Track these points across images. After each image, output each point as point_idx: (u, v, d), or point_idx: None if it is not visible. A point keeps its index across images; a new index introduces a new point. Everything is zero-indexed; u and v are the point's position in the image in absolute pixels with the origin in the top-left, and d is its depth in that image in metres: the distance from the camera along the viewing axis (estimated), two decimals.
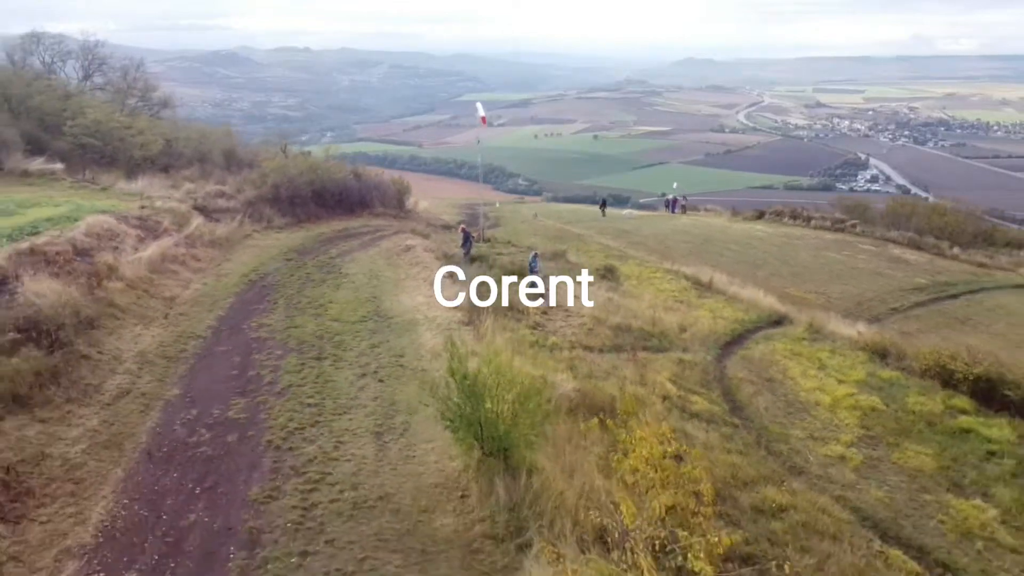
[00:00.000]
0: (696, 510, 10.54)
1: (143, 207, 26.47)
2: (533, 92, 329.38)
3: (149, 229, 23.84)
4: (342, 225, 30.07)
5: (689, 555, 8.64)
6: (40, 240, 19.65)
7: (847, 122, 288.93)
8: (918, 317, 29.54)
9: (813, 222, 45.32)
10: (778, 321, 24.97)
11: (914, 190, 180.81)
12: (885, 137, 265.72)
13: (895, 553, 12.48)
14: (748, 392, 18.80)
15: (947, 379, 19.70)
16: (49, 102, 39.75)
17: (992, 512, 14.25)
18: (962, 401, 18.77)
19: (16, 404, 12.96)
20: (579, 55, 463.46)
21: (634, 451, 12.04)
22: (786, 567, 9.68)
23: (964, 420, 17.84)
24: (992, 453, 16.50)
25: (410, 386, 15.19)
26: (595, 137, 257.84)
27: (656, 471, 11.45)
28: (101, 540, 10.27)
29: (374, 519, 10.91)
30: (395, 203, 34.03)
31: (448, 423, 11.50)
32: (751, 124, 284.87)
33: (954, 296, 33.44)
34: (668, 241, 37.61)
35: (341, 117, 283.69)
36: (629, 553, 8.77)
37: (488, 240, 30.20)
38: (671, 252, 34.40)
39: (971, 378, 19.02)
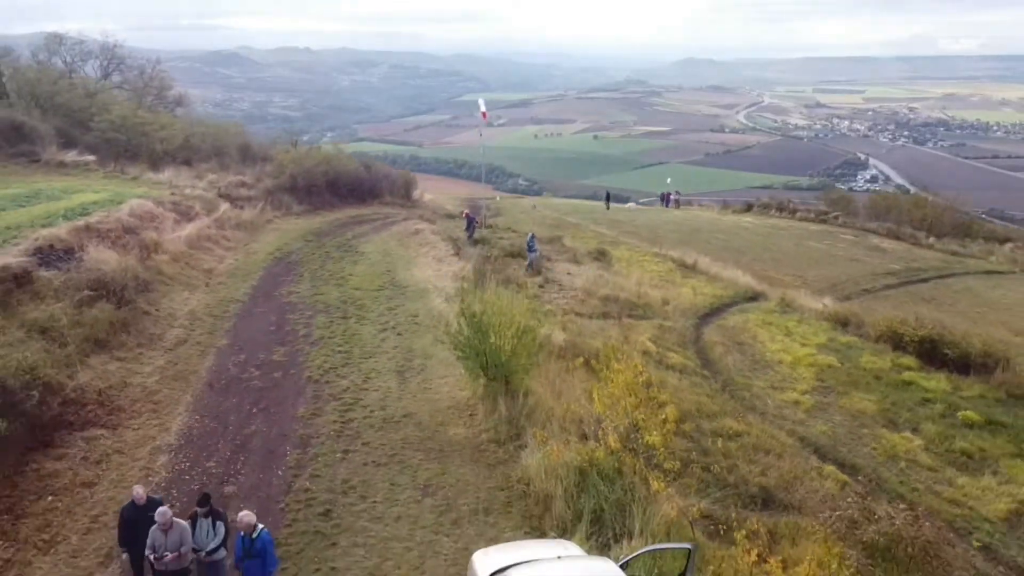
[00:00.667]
0: (661, 424, 13.25)
1: (173, 194, 29.21)
2: (533, 92, 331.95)
3: (183, 213, 26.56)
4: (355, 212, 32.80)
5: (644, 434, 11.35)
6: (93, 219, 22.41)
7: (847, 122, 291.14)
8: (887, 297, 32.22)
9: (798, 214, 48.06)
10: (754, 297, 27.66)
11: (913, 190, 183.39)
12: (885, 137, 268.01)
13: (829, 468, 15.15)
14: (719, 352, 21.52)
15: (897, 342, 22.41)
16: (75, 100, 42.59)
17: (917, 442, 16.96)
18: (908, 360, 21.48)
19: (97, 346, 15.68)
20: (579, 55, 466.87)
21: (612, 381, 14.79)
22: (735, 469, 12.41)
23: (908, 375, 20.56)
24: (927, 400, 19.20)
25: (425, 338, 17.92)
26: (595, 137, 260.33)
27: (630, 395, 14.19)
28: (183, 442, 12.98)
29: (400, 430, 13.61)
30: (402, 193, 36.81)
31: (459, 354, 14.22)
32: (751, 124, 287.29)
33: (924, 280, 36.14)
34: (659, 231, 40.30)
35: (341, 117, 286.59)
36: (601, 436, 11.48)
37: (490, 227, 32.89)
38: (661, 240, 37.08)
39: (916, 340, 21.74)
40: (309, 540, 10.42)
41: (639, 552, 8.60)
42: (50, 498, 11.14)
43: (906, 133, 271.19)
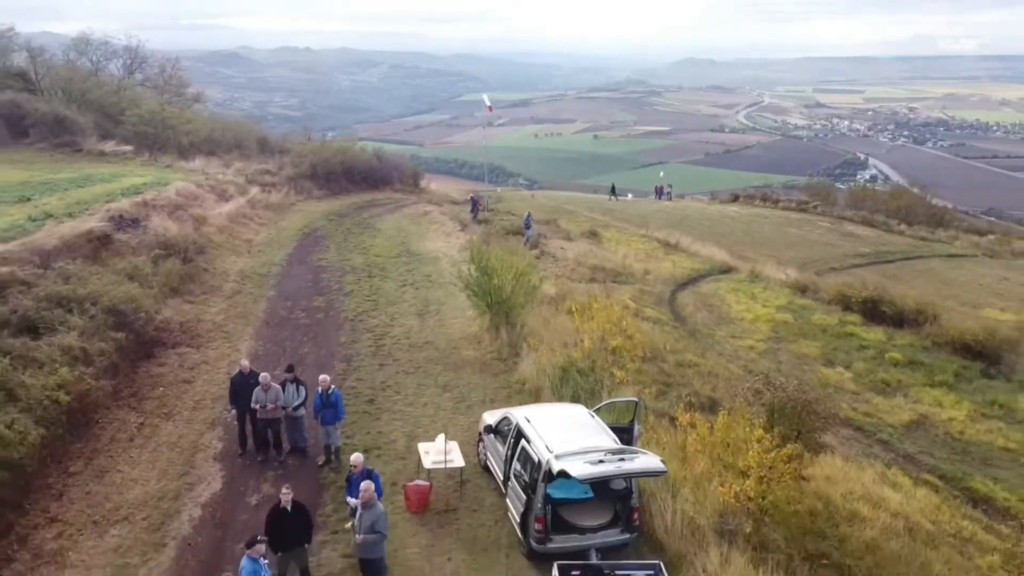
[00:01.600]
0: (627, 340, 16.98)
1: (208, 179, 32.94)
2: (533, 92, 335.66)
3: (220, 194, 30.30)
4: (369, 197, 36.54)
5: (610, 340, 15.07)
6: (148, 196, 26.13)
7: (847, 122, 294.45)
8: (851, 274, 35.88)
9: (781, 204, 51.83)
10: (727, 270, 31.41)
11: (912, 190, 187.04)
12: (884, 137, 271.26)
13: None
14: (690, 310, 25.27)
15: (846, 304, 26.19)
16: (105, 96, 46.39)
17: (848, 375, 20.72)
18: (853, 318, 25.26)
19: (172, 292, 19.42)
20: (580, 55, 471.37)
21: (592, 319, 18.58)
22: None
23: (850, 328, 24.34)
24: (863, 347, 22.98)
25: (438, 291, 21.66)
26: (595, 137, 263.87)
27: (606, 325, 17.96)
28: (251, 358, 16.66)
29: (422, 352, 17.33)
30: (411, 182, 40.57)
31: (470, 293, 17.96)
32: (751, 124, 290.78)
33: (890, 261, 39.85)
34: (649, 217, 44.00)
35: (342, 117, 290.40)
36: (579, 345, 15.20)
37: (491, 210, 36.61)
38: (649, 224, 40.79)
39: (860, 300, 25.52)
40: (359, 417, 14.12)
41: (600, 404, 12.31)
42: (161, 389, 14.88)
43: (906, 133, 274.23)
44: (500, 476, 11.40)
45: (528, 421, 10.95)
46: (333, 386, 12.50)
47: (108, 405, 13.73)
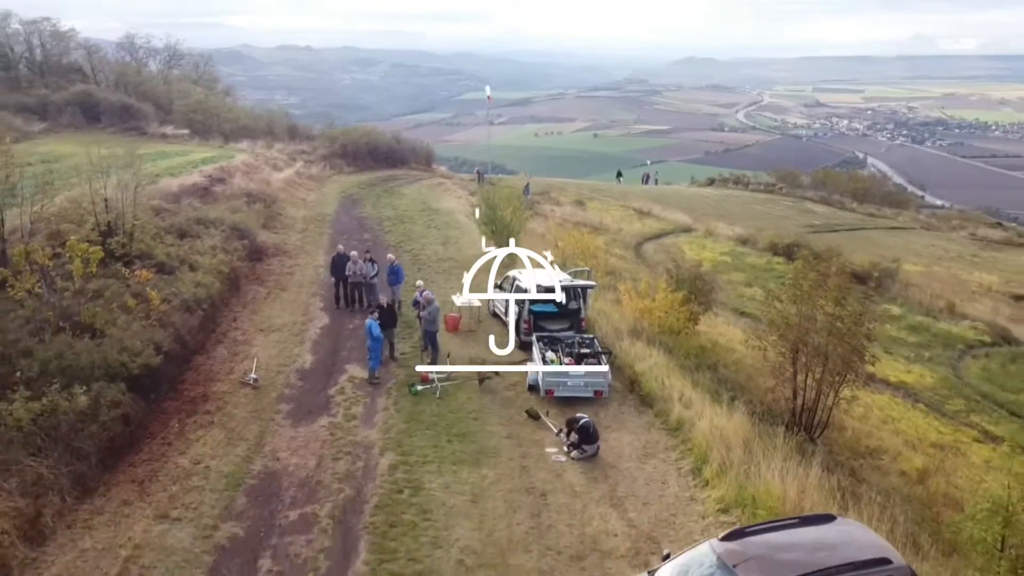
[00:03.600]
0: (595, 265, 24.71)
1: (258, 156, 40.65)
2: (534, 91, 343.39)
3: (272, 166, 38.05)
4: (390, 172, 44.23)
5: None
6: (223, 164, 33.90)
7: (846, 121, 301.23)
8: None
9: (751, 186, 59.57)
10: (688, 230, 39.16)
11: (910, 188, 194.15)
12: (883, 136, 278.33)
13: None
14: (650, 253, 33.03)
15: (775, 250, 33.93)
16: (156, 88, 54.23)
17: (760, 292, 28.41)
18: (778, 259, 32.99)
19: (262, 227, 27.11)
20: (580, 54, 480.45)
21: (565, 241, 26.36)
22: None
23: (773, 265, 32.08)
24: (780, 276, 30.64)
25: (455, 231, 29.38)
26: (595, 135, 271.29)
27: (579, 248, 25.71)
28: (325, 260, 24.37)
29: (447, 263, 25.05)
30: (424, 161, 48.27)
31: (480, 222, 25.71)
32: (750, 123, 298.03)
33: (836, 231, 47.58)
34: (630, 195, 51.80)
35: (343, 115, 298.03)
36: (559, 248, 22.98)
37: (493, 183, 44.34)
38: (629, 200, 48.54)
39: (784, 245, 33.25)
40: (409, 291, 21.77)
41: (569, 270, 19.98)
42: (274, 276, 22.59)
43: (905, 132, 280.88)
44: (502, 309, 19.11)
45: (520, 274, 18.68)
46: (396, 261, 20.21)
47: (246, 281, 21.48)
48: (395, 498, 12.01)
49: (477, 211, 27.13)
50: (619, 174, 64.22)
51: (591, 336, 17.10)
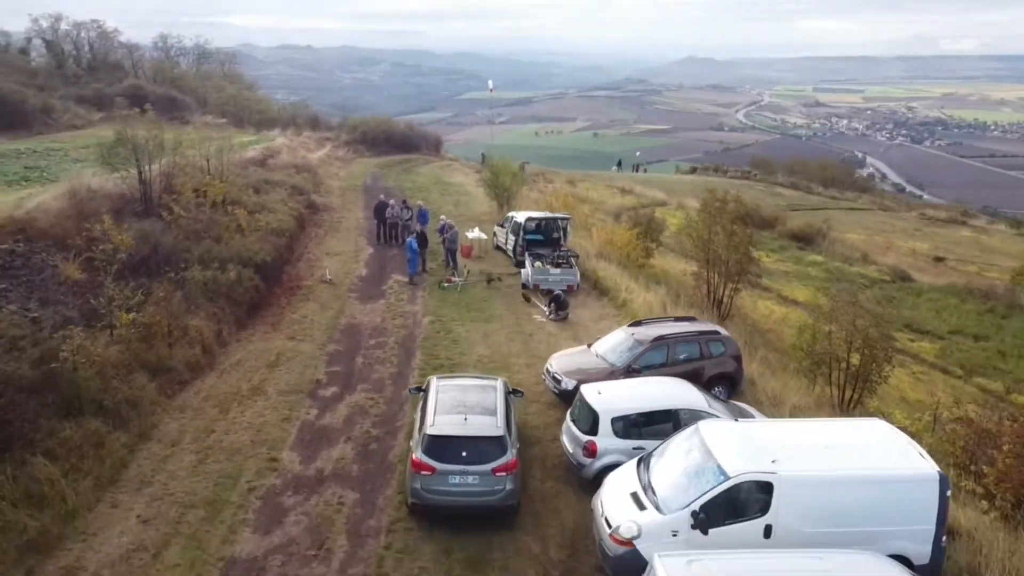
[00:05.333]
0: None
1: (292, 140, 47.92)
2: (534, 90, 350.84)
3: (306, 148, 45.34)
4: (405, 156, 51.54)
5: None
6: (269, 145, 41.18)
7: (845, 121, 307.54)
8: None
9: (729, 173, 66.86)
10: (663, 204, 46.37)
11: (909, 188, 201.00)
12: (883, 136, 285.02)
13: None
14: (626, 218, 40.21)
15: (745, 222, 41.14)
16: (192, 83, 61.63)
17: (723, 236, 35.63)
18: (737, 225, 40.15)
19: (312, 190, 34.37)
20: (581, 54, 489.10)
21: (553, 201, 33.68)
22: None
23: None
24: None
25: (465, 197, 36.66)
26: (595, 135, 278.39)
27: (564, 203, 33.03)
28: (364, 214, 31.62)
29: (460, 217, 32.24)
30: (434, 147, 55.65)
31: (488, 186, 33.00)
32: (750, 123, 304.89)
33: (799, 210, 54.80)
34: (617, 178, 59.10)
35: (345, 114, 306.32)
36: (549, 206, 30.28)
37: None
38: (616, 182, 55.82)
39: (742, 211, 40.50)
40: (432, 233, 29.01)
41: (552, 215, 27.25)
42: (327, 223, 29.87)
43: (904, 132, 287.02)
44: (503, 240, 26.38)
45: (516, 213, 25.98)
46: (424, 205, 27.52)
47: (309, 224, 28.78)
48: (435, 336, 19.25)
49: (484, 167, 34.61)
50: (619, 163, 71.37)
51: (566, 251, 24.34)
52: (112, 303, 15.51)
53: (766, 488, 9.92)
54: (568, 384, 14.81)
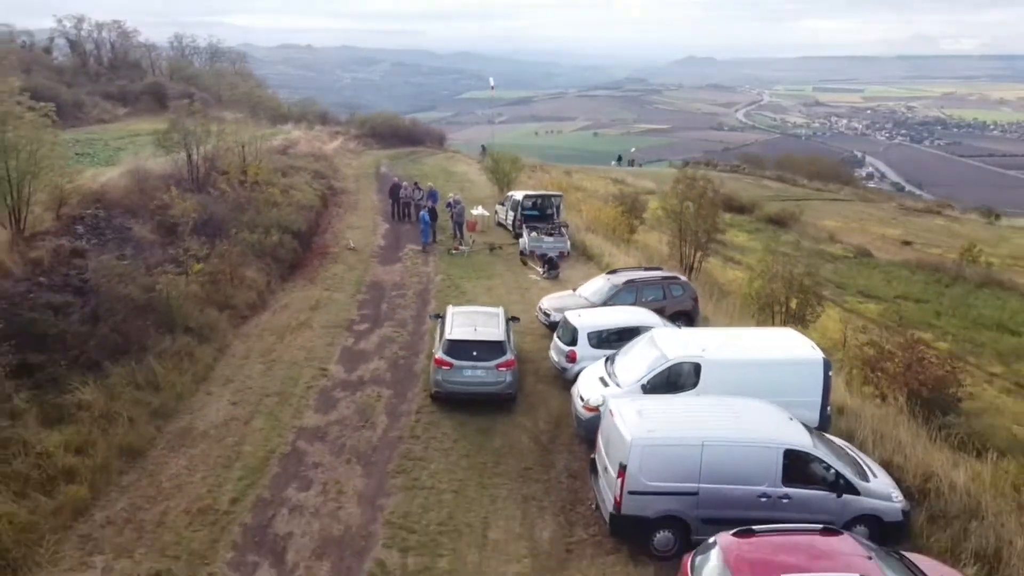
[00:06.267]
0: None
1: (306, 133, 51.86)
2: (534, 90, 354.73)
3: (320, 140, 49.29)
4: (411, 149, 55.51)
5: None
6: (284, 136, 45.13)
7: (845, 120, 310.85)
8: None
9: (719, 167, 70.80)
10: (652, 192, 50.28)
11: (908, 187, 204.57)
12: (882, 136, 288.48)
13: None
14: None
15: (727, 207, 45.08)
16: (208, 80, 65.59)
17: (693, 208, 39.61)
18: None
19: (322, 176, 38.33)
20: (581, 53, 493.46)
21: (550, 184, 37.66)
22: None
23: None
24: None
25: (469, 183, 40.60)
26: (595, 134, 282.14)
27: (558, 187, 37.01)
28: (378, 196, 35.55)
29: (465, 199, 36.19)
30: (438, 141, 59.65)
31: (490, 172, 36.97)
32: (749, 122, 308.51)
33: (783, 200, 58.74)
34: (611, 171, 63.03)
35: (346, 114, 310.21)
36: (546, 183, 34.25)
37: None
38: (610, 174, 59.77)
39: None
40: (443, 211, 32.93)
41: (546, 192, 31.18)
42: (346, 204, 33.80)
43: (903, 131, 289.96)
44: (503, 216, 30.31)
45: (514, 192, 29.91)
46: (433, 186, 31.45)
47: (331, 203, 32.70)
48: (446, 289, 23.17)
49: (487, 156, 38.59)
50: (619, 158, 75.20)
51: (558, 223, 28.24)
52: (187, 253, 19.44)
53: (696, 368, 13.80)
54: (556, 317, 18.70)
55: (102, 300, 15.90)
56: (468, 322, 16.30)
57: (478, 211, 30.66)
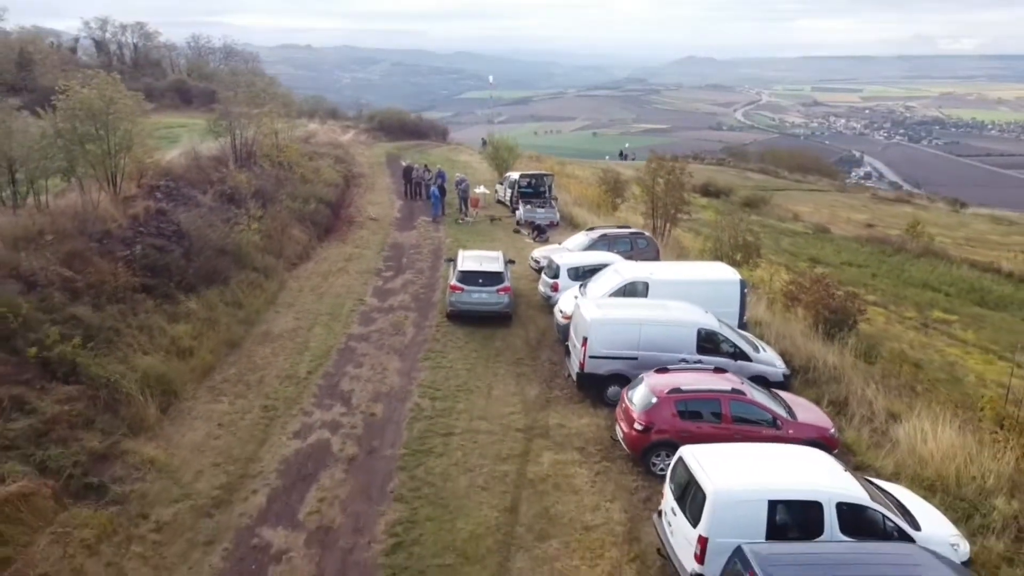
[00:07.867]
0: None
1: (321, 126, 57.03)
2: (534, 90, 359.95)
3: (334, 132, 54.46)
4: (417, 142, 60.69)
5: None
6: (304, 129, 50.30)
7: (843, 120, 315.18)
8: None
9: (706, 161, 75.99)
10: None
11: (906, 186, 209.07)
12: (880, 135, 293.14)
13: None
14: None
15: (703, 191, 50.24)
16: (225, 78, 70.71)
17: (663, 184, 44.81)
18: (695, 195, 49.35)
19: (343, 161, 43.47)
20: (581, 53, 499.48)
21: (542, 167, 42.92)
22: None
23: (693, 199, 48.44)
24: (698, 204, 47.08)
25: (472, 171, 45.78)
26: (594, 134, 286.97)
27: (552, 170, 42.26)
28: (391, 182, 40.69)
29: (472, 179, 41.34)
30: (442, 135, 64.89)
31: (490, 159, 42.17)
32: (748, 122, 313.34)
33: (764, 190, 63.89)
34: (603, 162, 68.16)
35: (347, 113, 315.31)
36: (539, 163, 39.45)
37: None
38: (601, 165, 64.86)
39: (701, 185, 49.67)
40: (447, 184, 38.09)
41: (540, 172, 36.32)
42: (364, 185, 38.97)
43: (901, 131, 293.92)
44: (502, 194, 35.48)
45: (511, 173, 35.08)
46: (442, 168, 36.63)
47: (351, 188, 37.85)
48: (455, 248, 28.10)
49: (489, 143, 43.80)
50: (620, 153, 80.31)
51: (548, 198, 33.38)
52: (248, 214, 24.59)
53: (645, 286, 18.93)
54: (543, 263, 23.83)
55: (194, 243, 21.04)
56: (475, 259, 21.45)
57: (480, 190, 35.80)
